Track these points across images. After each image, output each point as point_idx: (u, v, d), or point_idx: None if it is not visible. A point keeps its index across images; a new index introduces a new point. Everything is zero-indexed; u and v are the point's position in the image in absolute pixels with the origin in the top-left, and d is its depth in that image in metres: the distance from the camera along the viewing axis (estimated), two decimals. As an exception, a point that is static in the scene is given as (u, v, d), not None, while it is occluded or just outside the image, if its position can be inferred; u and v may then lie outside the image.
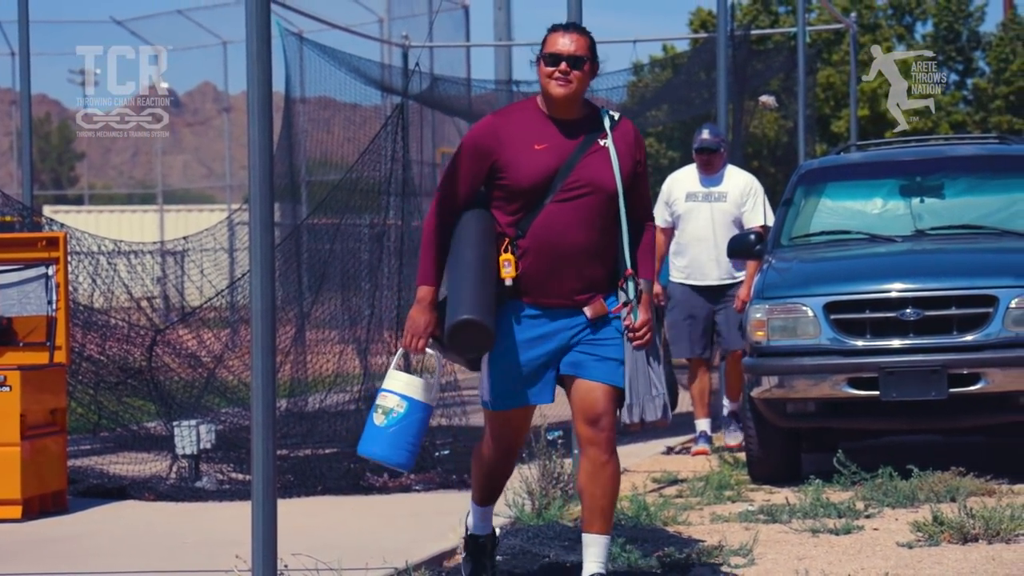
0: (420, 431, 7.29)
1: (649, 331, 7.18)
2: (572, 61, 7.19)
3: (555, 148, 7.20)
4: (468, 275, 7.06)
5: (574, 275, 7.20)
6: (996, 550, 8.74)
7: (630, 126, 7.41)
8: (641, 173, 7.36)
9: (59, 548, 9.45)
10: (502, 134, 7.23)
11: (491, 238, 7.18)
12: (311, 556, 7.44)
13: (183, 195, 64.64)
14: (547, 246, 7.16)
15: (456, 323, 6.94)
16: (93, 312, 14.29)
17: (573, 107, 7.28)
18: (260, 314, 6.78)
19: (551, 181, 7.16)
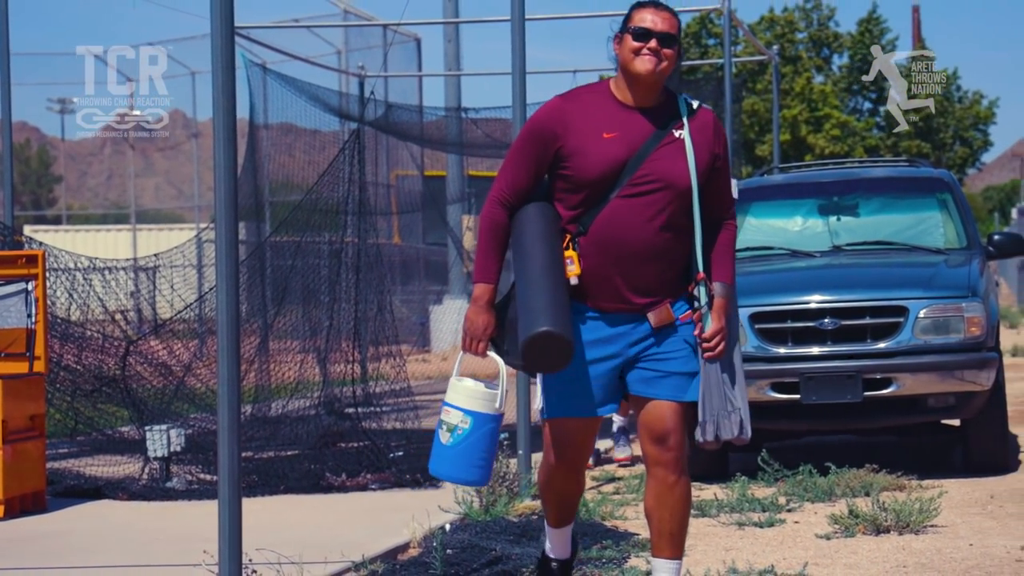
0: (491, 444, 6.38)
1: (723, 341, 6.19)
2: (664, 39, 6.16)
3: (625, 138, 6.17)
4: (541, 278, 6.10)
5: (639, 277, 6.20)
6: (906, 540, 8.79)
7: (710, 116, 6.35)
8: (721, 168, 6.33)
9: (39, 545, 9.41)
10: (569, 119, 6.20)
11: (558, 234, 6.22)
12: (274, 551, 7.42)
13: (154, 215, 64.46)
14: (610, 245, 6.17)
15: (533, 336, 5.98)
16: (70, 324, 14.24)
17: (652, 92, 6.24)
18: (225, 325, 6.77)
19: (619, 174, 6.15)
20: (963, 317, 11.38)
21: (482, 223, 6.31)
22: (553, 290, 6.05)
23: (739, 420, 6.18)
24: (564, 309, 6.05)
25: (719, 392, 6.17)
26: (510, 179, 6.25)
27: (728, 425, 6.17)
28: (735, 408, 6.18)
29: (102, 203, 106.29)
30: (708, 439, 6.18)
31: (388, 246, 20.21)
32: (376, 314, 14.91)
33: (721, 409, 6.17)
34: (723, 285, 6.25)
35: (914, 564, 8.10)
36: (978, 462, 11.77)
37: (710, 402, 6.17)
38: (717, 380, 6.19)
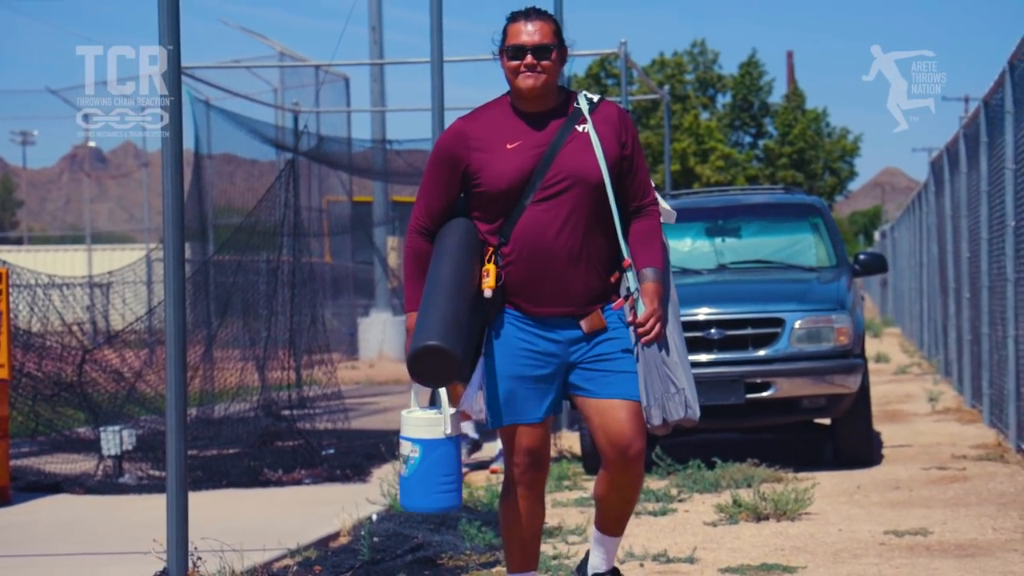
0: (447, 467, 5.75)
1: (657, 321, 5.60)
2: (538, 51, 5.64)
3: (529, 144, 5.65)
4: (435, 294, 5.54)
5: (567, 279, 5.67)
6: (783, 526, 8.83)
7: (613, 107, 5.79)
8: (631, 155, 5.74)
9: (3, 535, 9.32)
10: (471, 138, 5.69)
11: (471, 248, 5.66)
12: (217, 540, 7.37)
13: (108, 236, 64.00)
14: (531, 251, 5.62)
15: (416, 350, 5.42)
16: (31, 335, 14.12)
17: (547, 97, 5.72)
18: (173, 336, 6.72)
19: (528, 180, 5.61)
20: (833, 328, 11.46)
21: (405, 254, 5.80)
22: (446, 305, 5.50)
23: (683, 400, 5.64)
24: (457, 325, 5.48)
25: (660, 375, 5.62)
26: (424, 206, 5.75)
27: (673, 407, 5.62)
28: (678, 389, 5.63)
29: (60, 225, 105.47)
30: (656, 423, 5.64)
31: (320, 264, 20.14)
32: (309, 325, 14.85)
33: (664, 392, 5.61)
34: (652, 270, 5.69)
35: (790, 548, 8.14)
36: (846, 456, 11.84)
37: (652, 386, 5.62)
38: (656, 363, 5.63)
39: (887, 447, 12.89)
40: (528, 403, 5.71)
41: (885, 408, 16.25)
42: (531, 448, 5.74)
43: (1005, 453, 11.87)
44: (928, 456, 12.14)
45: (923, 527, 8.67)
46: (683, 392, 5.63)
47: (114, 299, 21.56)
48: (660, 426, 5.63)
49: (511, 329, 5.70)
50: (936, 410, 16.03)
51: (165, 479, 6.93)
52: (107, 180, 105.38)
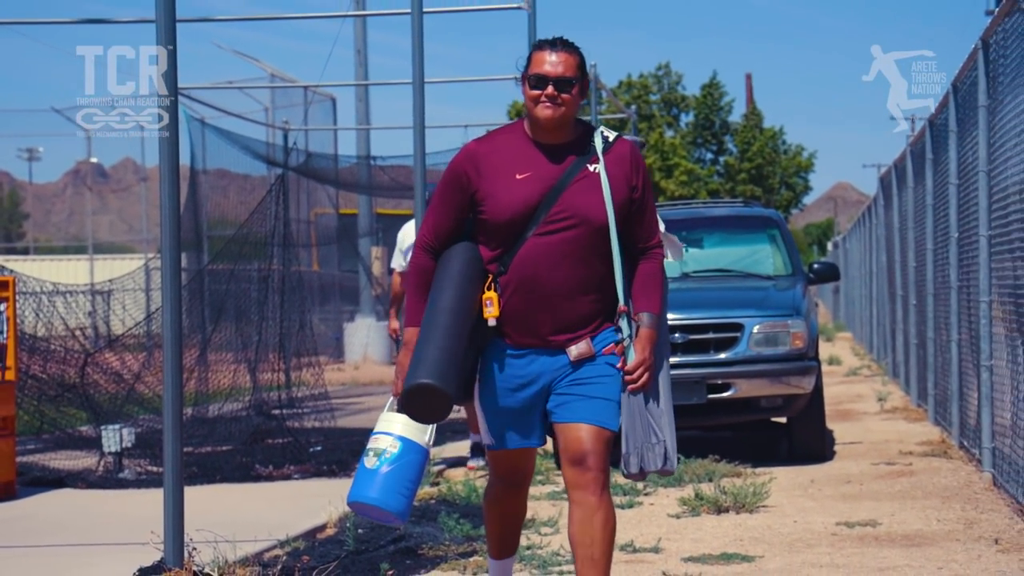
0: (416, 476, 5.33)
1: (645, 372, 5.24)
2: (560, 84, 5.25)
3: (539, 176, 5.27)
4: (433, 327, 5.19)
5: (560, 314, 5.29)
6: (742, 518, 8.84)
7: (626, 147, 5.39)
8: (640, 199, 5.36)
9: (10, 526, 9.28)
10: (482, 163, 5.30)
11: (473, 275, 5.31)
12: (212, 531, 7.35)
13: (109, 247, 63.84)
14: (528, 283, 5.26)
15: (410, 387, 5.08)
16: (36, 340, 14.09)
17: (560, 132, 5.33)
18: (170, 340, 6.71)
19: (533, 212, 5.23)
20: (789, 332, 11.48)
21: (409, 268, 5.44)
22: (443, 340, 5.14)
23: (663, 452, 5.24)
24: (453, 361, 5.14)
25: (643, 424, 5.24)
26: (432, 224, 5.37)
27: (652, 457, 5.23)
28: (659, 440, 5.23)
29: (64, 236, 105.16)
30: (632, 471, 5.25)
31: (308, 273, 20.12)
32: (298, 330, 14.84)
33: (645, 441, 5.22)
34: (649, 315, 5.31)
35: (749, 538, 8.15)
36: (801, 453, 11.87)
37: (633, 434, 5.24)
38: (641, 412, 5.25)
39: (839, 444, 12.92)
40: (518, 430, 5.39)
41: (837, 407, 16.28)
42: (521, 467, 5.56)
43: (948, 449, 11.91)
44: (877, 452, 12.16)
45: (872, 519, 8.69)
46: (663, 443, 5.25)
47: (114, 305, 21.52)
48: (636, 474, 5.27)
49: (503, 364, 5.34)
50: (885, 409, 16.07)
51: (162, 474, 6.91)
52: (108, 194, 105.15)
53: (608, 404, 5.28)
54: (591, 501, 5.22)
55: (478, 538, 8.04)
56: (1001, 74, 9.23)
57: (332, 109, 26.84)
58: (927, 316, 14.14)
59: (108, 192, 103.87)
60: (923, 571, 7.08)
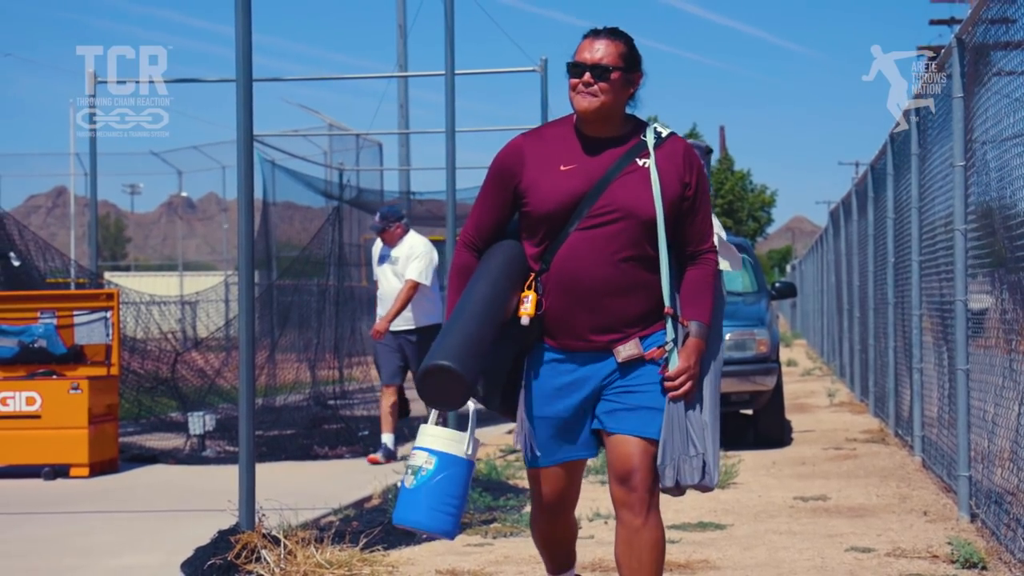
0: (457, 490, 4.23)
1: (689, 380, 4.16)
2: (597, 71, 4.20)
3: (584, 169, 4.22)
4: (461, 314, 4.19)
5: (603, 314, 4.21)
6: (716, 493, 8.70)
7: (680, 145, 4.30)
8: (693, 196, 4.25)
9: (114, 495, 9.30)
10: (528, 154, 4.28)
11: (512, 272, 4.27)
12: (278, 501, 7.35)
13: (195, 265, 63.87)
14: (569, 280, 4.20)
15: (427, 368, 4.08)
16: (136, 341, 14.15)
17: (608, 123, 4.26)
18: (244, 343, 6.71)
19: (576, 206, 4.19)
20: (755, 339, 11.46)
21: (451, 265, 4.44)
22: (468, 326, 4.15)
23: (700, 465, 4.16)
24: (476, 348, 4.12)
25: (681, 434, 4.17)
26: (475, 221, 4.38)
27: (688, 470, 4.15)
28: (697, 452, 4.16)
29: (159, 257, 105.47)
30: (668, 485, 4.18)
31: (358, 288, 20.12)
32: (350, 335, 14.89)
33: (683, 453, 4.16)
34: (697, 324, 4.22)
35: (721, 510, 8.12)
36: (764, 439, 11.84)
37: (671, 445, 4.17)
38: (680, 421, 4.18)
39: (796, 432, 12.88)
40: (564, 443, 4.30)
41: (794, 402, 16.24)
42: (565, 486, 4.39)
43: (886, 437, 11.87)
44: (827, 439, 12.13)
45: (823, 494, 8.66)
46: (701, 456, 4.17)
47: (199, 313, 21.50)
48: (672, 488, 4.19)
49: (546, 369, 4.28)
50: (833, 403, 16.03)
51: (237, 453, 6.91)
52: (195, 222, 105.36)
53: (656, 413, 4.20)
54: (637, 523, 4.21)
55: (497, 508, 8.02)
56: (930, 128, 9.21)
57: (379, 153, 26.85)
58: (869, 326, 14.11)
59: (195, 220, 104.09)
60: (865, 538, 7.05)
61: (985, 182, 7.18)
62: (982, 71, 7.12)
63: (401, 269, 10.65)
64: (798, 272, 42.04)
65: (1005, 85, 6.52)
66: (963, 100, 7.54)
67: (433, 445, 4.22)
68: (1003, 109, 6.58)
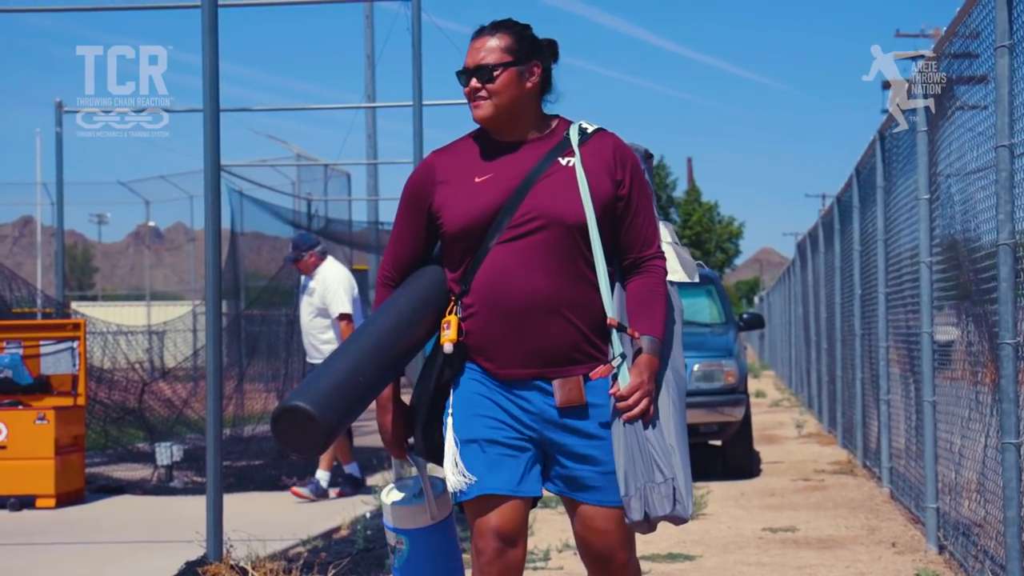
0: (439, 556, 3.80)
1: (643, 397, 3.55)
2: (481, 74, 3.66)
3: (500, 177, 3.65)
4: (343, 354, 3.62)
5: (537, 336, 3.58)
6: (684, 525, 8.78)
7: (609, 139, 3.72)
8: (628, 196, 3.68)
9: (81, 526, 9.23)
10: (439, 170, 3.72)
11: (427, 299, 3.70)
12: (245, 532, 7.32)
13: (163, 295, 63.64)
14: (493, 300, 3.59)
15: (276, 410, 3.54)
16: (103, 371, 14.07)
17: (517, 125, 3.71)
18: (212, 372, 6.70)
19: (494, 217, 3.61)
20: (723, 370, 11.49)
21: (372, 307, 3.66)
22: (347, 368, 3.56)
23: (671, 492, 3.51)
24: (345, 389, 3.53)
25: (644, 459, 3.52)
26: (390, 253, 3.81)
27: (658, 499, 3.49)
28: (665, 478, 3.51)
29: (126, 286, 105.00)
30: (635, 519, 3.50)
31: (327, 318, 20.15)
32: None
33: (648, 480, 3.50)
34: (649, 339, 3.63)
35: (690, 540, 8.13)
36: (733, 470, 11.86)
37: (633, 473, 3.51)
38: (642, 444, 3.53)
39: (765, 463, 12.90)
40: (498, 471, 3.59)
41: (763, 432, 16.27)
42: (500, 529, 3.58)
43: (854, 468, 11.91)
44: (796, 470, 12.16)
45: (792, 525, 8.68)
46: (671, 481, 3.52)
47: (167, 343, 21.45)
48: (641, 523, 3.52)
49: (473, 384, 3.66)
50: (802, 434, 16.07)
51: (205, 484, 6.88)
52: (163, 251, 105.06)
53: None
54: None
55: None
56: (895, 161, 9.29)
57: (347, 183, 26.86)
58: (836, 358, 14.17)
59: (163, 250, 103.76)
60: (834, 569, 7.07)
61: (950, 215, 7.24)
62: (946, 105, 7.19)
63: (317, 301, 10.26)
64: (766, 303, 42.22)
65: (969, 119, 6.60)
66: (927, 134, 7.62)
67: (396, 523, 3.80)
68: (967, 143, 6.65)
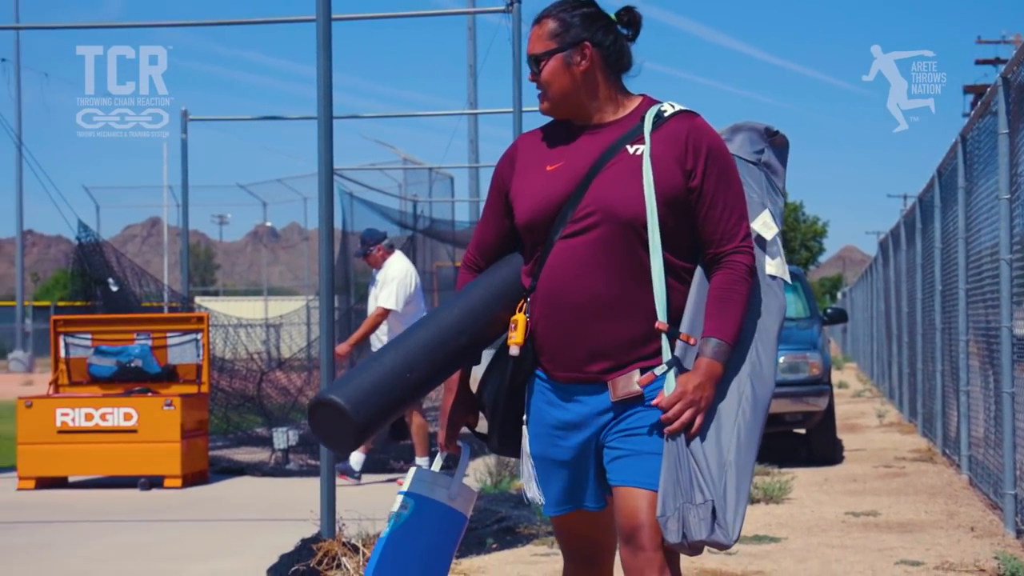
0: (423, 537, 3.30)
1: (687, 408, 3.06)
2: (532, 66, 3.25)
3: (570, 166, 3.19)
4: (394, 349, 3.26)
5: (590, 339, 3.16)
6: (771, 508, 8.74)
7: (685, 124, 3.16)
8: (701, 186, 3.12)
9: (205, 505, 9.39)
10: (520, 156, 3.31)
11: (500, 291, 3.29)
12: (356, 511, 7.39)
13: (279, 290, 64.44)
14: (551, 300, 3.18)
15: (315, 401, 3.23)
16: (224, 361, 14.28)
17: (584, 112, 3.23)
18: (325, 362, 6.77)
19: (558, 211, 3.17)
20: (808, 362, 11.38)
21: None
22: (396, 363, 3.21)
23: (708, 515, 3.00)
24: (384, 390, 3.18)
25: (687, 476, 3.04)
26: (475, 236, 3.44)
27: (694, 521, 3.00)
28: (705, 499, 3.01)
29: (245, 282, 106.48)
30: (672, 540, 3.03)
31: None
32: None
33: (687, 500, 3.02)
34: (715, 343, 3.11)
35: (776, 523, 8.07)
36: (817, 457, 11.74)
37: (675, 490, 3.03)
38: (684, 461, 3.05)
39: (847, 450, 12.76)
40: (574, 488, 3.28)
41: (845, 422, 16.08)
42: (583, 536, 3.35)
43: (934, 456, 11.73)
44: (877, 457, 12.00)
45: (874, 510, 8.57)
46: (710, 503, 3.02)
47: (283, 335, 21.71)
48: (680, 544, 3.04)
49: (542, 403, 3.28)
50: (883, 424, 15.86)
51: (319, 467, 6.96)
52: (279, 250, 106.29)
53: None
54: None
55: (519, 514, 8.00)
56: (976, 162, 9.13)
57: (451, 185, 27.00)
58: (917, 351, 13.96)
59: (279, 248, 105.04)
60: (914, 552, 6.98)
61: (1030, 213, 7.11)
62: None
63: (378, 292, 10.15)
64: (848, 299, 41.68)
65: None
66: (1008, 136, 7.48)
67: (415, 487, 3.37)
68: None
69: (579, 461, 3.25)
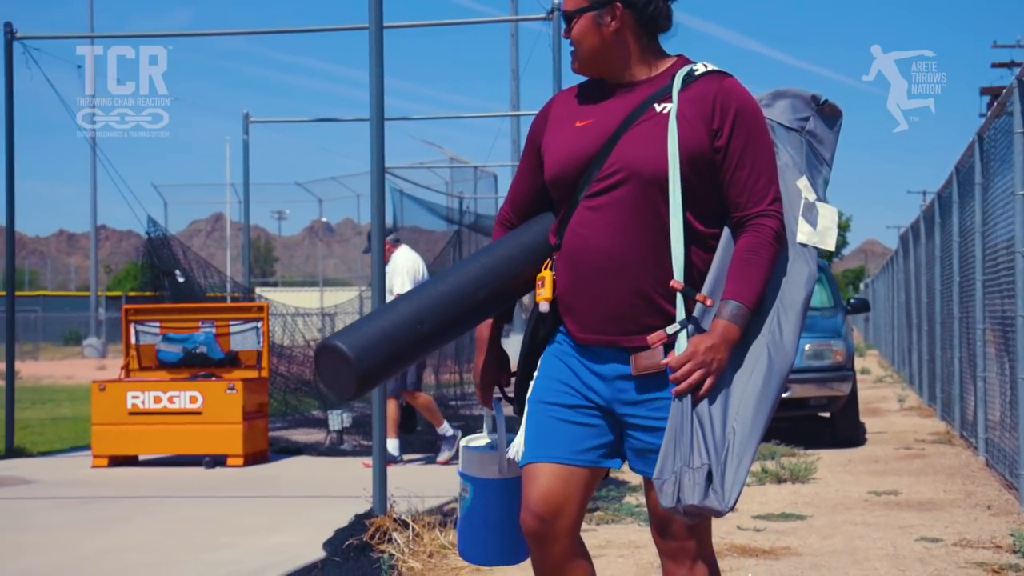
0: (493, 517, 3.19)
1: (697, 369, 2.78)
2: (567, 21, 3.02)
3: (598, 124, 2.96)
4: (416, 292, 3.07)
5: (615, 301, 2.90)
6: (797, 487, 8.71)
7: (714, 84, 2.90)
8: (726, 146, 2.86)
9: (265, 482, 9.43)
10: (553, 112, 3.08)
11: (528, 247, 3.08)
12: (406, 489, 7.41)
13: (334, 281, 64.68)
14: (572, 258, 2.96)
15: (320, 346, 3.01)
16: (282, 348, 14.35)
17: (616, 71, 2.98)
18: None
19: (584, 168, 2.94)
20: (832, 349, 11.31)
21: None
22: (407, 314, 3.00)
23: (703, 479, 2.74)
24: (392, 340, 2.96)
25: (688, 439, 2.77)
26: (510, 194, 3.21)
27: (688, 485, 2.74)
28: (703, 463, 2.75)
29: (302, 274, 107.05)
30: (667, 504, 2.76)
31: (476, 302, 20.27)
32: (468, 342, 14.93)
33: (685, 463, 2.75)
34: (734, 305, 2.83)
35: (802, 502, 8.03)
36: (841, 439, 11.67)
37: (675, 452, 2.77)
38: (687, 423, 2.78)
39: (869, 433, 12.67)
40: (550, 440, 2.98)
41: (868, 406, 15.97)
42: (537, 503, 2.95)
43: (952, 438, 11.63)
44: (898, 440, 11.92)
45: (895, 489, 8.51)
46: (706, 467, 2.75)
47: (338, 324, 21.79)
48: (674, 509, 2.78)
49: (556, 347, 3.05)
50: (904, 408, 15.74)
51: (372, 447, 6.98)
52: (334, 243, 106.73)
53: None
54: (680, 572, 2.98)
55: (599, 497, 7.99)
56: (992, 160, 9.04)
57: (495, 183, 26.99)
58: (936, 339, 13.85)
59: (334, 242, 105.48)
60: (934, 529, 6.92)
61: (1044, 208, 7.03)
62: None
63: (388, 284, 9.87)
64: (871, 289, 41.38)
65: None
66: (1023, 135, 7.40)
67: (467, 469, 3.25)
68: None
69: (595, 420, 2.98)
